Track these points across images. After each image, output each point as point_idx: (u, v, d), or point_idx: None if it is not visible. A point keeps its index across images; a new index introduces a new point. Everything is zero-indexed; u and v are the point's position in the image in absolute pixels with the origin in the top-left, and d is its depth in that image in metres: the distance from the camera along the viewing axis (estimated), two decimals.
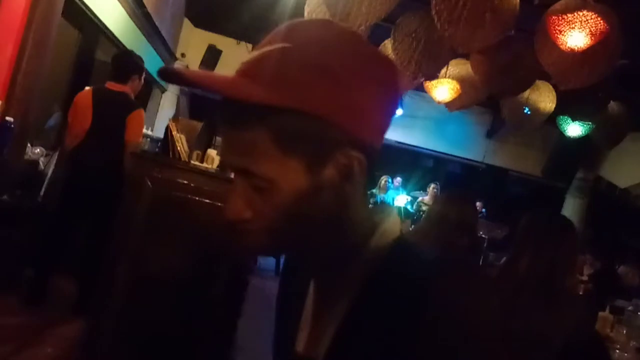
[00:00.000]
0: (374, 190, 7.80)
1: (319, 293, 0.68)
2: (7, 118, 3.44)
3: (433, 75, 4.47)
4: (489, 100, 5.54)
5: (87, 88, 3.56)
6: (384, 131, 0.64)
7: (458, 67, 4.86)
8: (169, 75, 0.60)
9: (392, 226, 0.66)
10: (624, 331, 2.97)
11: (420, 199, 7.88)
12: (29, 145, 3.92)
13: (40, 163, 4.09)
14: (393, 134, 9.09)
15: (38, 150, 4.10)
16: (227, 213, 0.61)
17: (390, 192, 8.12)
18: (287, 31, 0.60)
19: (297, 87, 0.56)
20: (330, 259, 0.64)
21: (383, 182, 7.86)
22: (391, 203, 7.60)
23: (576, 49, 3.11)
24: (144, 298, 2.39)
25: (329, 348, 0.61)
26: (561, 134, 5.57)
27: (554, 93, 4.77)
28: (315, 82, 0.57)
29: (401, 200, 7.92)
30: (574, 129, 5.45)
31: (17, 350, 2.66)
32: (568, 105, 4.61)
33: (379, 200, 7.43)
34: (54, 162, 3.95)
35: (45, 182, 3.93)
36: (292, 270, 0.78)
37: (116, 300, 2.38)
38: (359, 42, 0.62)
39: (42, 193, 3.90)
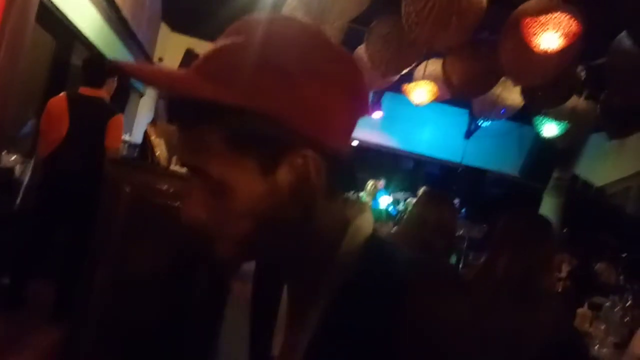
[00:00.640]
0: (361, 195, 7.82)
1: (293, 297, 0.66)
2: None
3: (404, 74, 4.54)
4: (467, 102, 5.61)
5: (60, 94, 3.50)
6: (348, 131, 0.62)
7: (434, 65, 4.93)
8: (119, 69, 0.60)
9: (364, 223, 0.64)
10: (602, 327, 3.02)
11: (409, 200, 7.93)
12: (4, 152, 3.85)
13: (16, 170, 4.01)
14: (373, 137, 9.15)
15: (13, 157, 4.02)
16: (184, 215, 0.60)
17: (378, 194, 8.17)
18: (245, 26, 0.58)
19: (248, 86, 0.55)
20: (302, 263, 0.63)
21: (370, 186, 7.87)
22: (377, 205, 7.63)
23: (549, 50, 3.17)
24: (124, 303, 2.36)
25: (305, 354, 0.60)
26: (537, 134, 5.66)
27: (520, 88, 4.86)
28: (267, 81, 0.55)
29: (384, 201, 7.96)
30: (550, 129, 5.53)
31: None
32: (538, 103, 4.68)
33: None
34: (30, 169, 3.88)
35: (22, 190, 3.86)
36: (264, 275, 0.76)
37: (95, 306, 2.35)
38: (319, 41, 0.60)
39: (18, 200, 3.83)
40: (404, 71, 4.27)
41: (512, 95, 4.87)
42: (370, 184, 7.89)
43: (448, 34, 3.22)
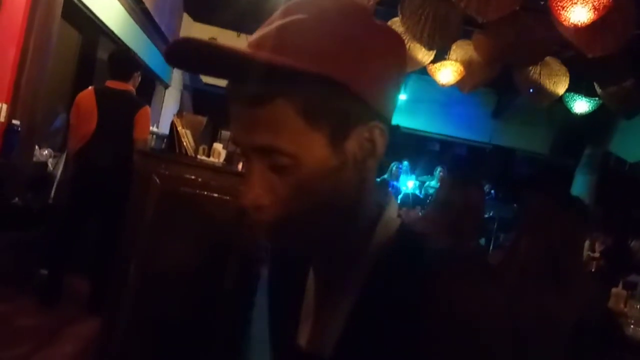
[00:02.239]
0: (385, 177, 7.79)
1: (322, 285, 0.66)
2: (14, 121, 3.47)
3: (444, 49, 4.47)
4: (495, 81, 5.50)
5: (88, 88, 3.56)
6: (395, 105, 0.62)
7: (464, 48, 4.84)
8: (184, 47, 0.55)
9: (394, 214, 0.64)
10: (638, 306, 2.96)
11: (427, 183, 7.87)
12: (36, 147, 3.95)
13: (49, 165, 4.12)
14: (398, 119, 9.06)
15: (46, 152, 4.13)
16: (245, 199, 0.57)
17: (402, 178, 8.11)
18: (297, 6, 0.57)
19: (322, 55, 0.54)
20: (338, 250, 0.62)
21: (395, 168, 7.82)
22: (402, 189, 7.59)
23: (579, 24, 3.08)
24: (156, 293, 2.41)
25: (337, 343, 0.59)
26: (567, 110, 5.52)
27: (565, 68, 4.75)
28: (340, 50, 0.54)
29: (409, 185, 7.91)
30: (581, 106, 5.40)
31: (34, 351, 2.71)
32: (579, 80, 4.57)
33: (391, 186, 7.40)
34: (62, 163, 3.97)
35: (55, 184, 3.96)
36: (284, 260, 0.75)
37: (129, 297, 2.41)
38: (369, 14, 0.60)
39: (52, 194, 3.93)
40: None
41: (552, 78, 4.76)
42: (393, 166, 7.84)
43: (499, 1, 3.14)
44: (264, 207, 0.57)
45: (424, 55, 4.63)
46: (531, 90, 4.82)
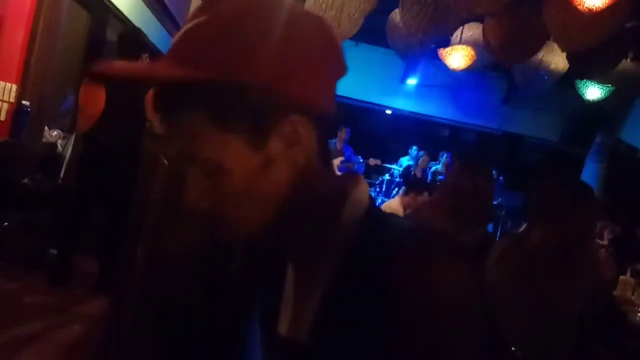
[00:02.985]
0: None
1: (298, 273, 0.66)
2: (24, 102, 3.48)
3: (444, 42, 4.40)
4: (504, 67, 5.45)
5: None
6: (329, 90, 0.61)
7: (471, 30, 4.77)
8: (94, 76, 0.60)
9: (362, 195, 0.63)
10: None
11: (433, 169, 7.85)
12: (46, 128, 3.97)
13: (59, 145, 4.14)
14: (407, 104, 9.03)
15: (55, 133, 4.15)
16: (185, 204, 0.59)
17: (404, 161, 8.09)
18: (200, 8, 0.58)
19: (219, 59, 0.53)
20: (303, 238, 0.63)
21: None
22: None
23: (594, 8, 3.02)
24: (163, 274, 2.43)
25: (311, 328, 0.60)
26: (579, 97, 5.46)
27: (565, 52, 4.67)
28: (236, 50, 0.54)
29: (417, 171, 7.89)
30: (593, 92, 5.33)
31: (43, 329, 2.75)
32: (582, 66, 4.50)
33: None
34: (72, 144, 3.99)
35: (64, 164, 3.99)
36: (267, 253, 0.75)
37: (136, 277, 2.43)
38: (283, 4, 0.58)
39: (61, 175, 3.96)
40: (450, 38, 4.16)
41: (555, 59, 4.68)
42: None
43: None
44: (203, 210, 0.59)
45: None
46: (539, 74, 4.74)
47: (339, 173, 0.69)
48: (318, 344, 0.59)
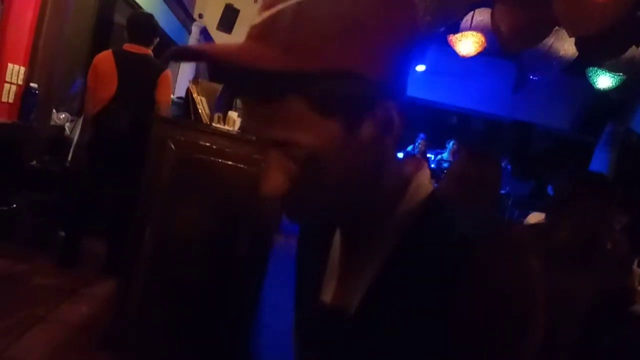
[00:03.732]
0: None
1: (349, 245, 0.67)
2: (32, 84, 3.49)
3: (453, 26, 4.35)
4: (514, 54, 5.37)
5: (106, 51, 3.52)
6: (407, 76, 0.61)
7: (482, 15, 4.71)
8: (182, 55, 0.58)
9: (425, 180, 0.64)
10: None
11: (440, 156, 7.82)
12: (54, 110, 3.97)
13: (66, 128, 4.15)
14: (416, 91, 8.96)
15: (63, 115, 4.15)
16: (266, 189, 0.58)
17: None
18: None
19: (318, 47, 0.52)
20: (364, 216, 0.63)
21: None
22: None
23: None
24: (171, 257, 2.45)
25: (362, 300, 0.60)
26: (589, 86, 5.39)
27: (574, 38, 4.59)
28: (339, 37, 0.53)
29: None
30: (604, 81, 5.26)
31: (53, 309, 2.78)
32: (590, 53, 4.42)
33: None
34: (80, 127, 4.00)
35: (72, 147, 4.00)
36: (313, 226, 0.77)
37: (144, 260, 2.45)
38: None
39: (69, 158, 3.97)
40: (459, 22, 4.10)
41: (565, 46, 4.61)
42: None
43: None
44: (285, 195, 0.58)
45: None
46: (548, 60, 4.68)
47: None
48: (367, 317, 0.60)
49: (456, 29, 4.88)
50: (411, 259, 0.58)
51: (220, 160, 2.43)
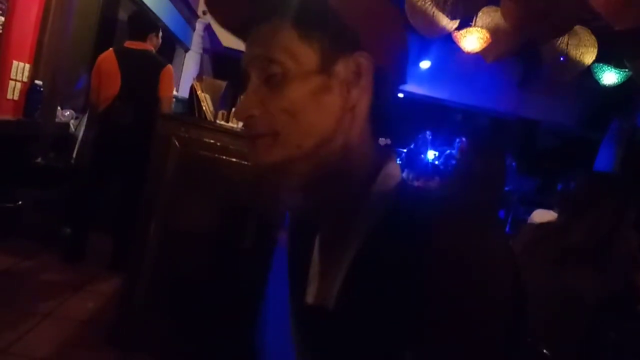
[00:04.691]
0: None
1: (325, 245, 0.68)
2: (36, 81, 3.50)
3: (467, 19, 4.32)
4: (521, 50, 5.34)
5: (108, 50, 3.55)
6: (401, 62, 0.65)
7: (490, 15, 4.68)
8: None
9: (394, 170, 0.65)
10: None
11: (447, 152, 7.79)
12: (59, 108, 3.98)
13: (71, 125, 4.16)
14: (421, 88, 8.93)
15: (68, 112, 4.17)
16: (238, 111, 0.64)
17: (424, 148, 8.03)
18: None
19: None
20: (335, 207, 0.64)
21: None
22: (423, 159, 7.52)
23: None
24: (176, 253, 2.46)
25: (338, 295, 0.61)
26: (595, 82, 5.36)
27: (594, 40, 4.56)
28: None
29: (430, 155, 7.84)
30: (610, 77, 5.23)
31: (59, 305, 2.79)
32: (608, 51, 4.39)
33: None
34: (84, 124, 4.01)
35: (77, 144, 4.01)
36: (298, 228, 0.78)
37: (150, 255, 2.46)
38: None
39: (74, 155, 3.99)
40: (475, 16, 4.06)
41: (580, 49, 4.57)
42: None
43: None
44: (254, 118, 0.62)
45: (447, 22, 4.49)
46: (562, 59, 4.65)
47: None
48: (345, 310, 0.60)
49: (461, 25, 4.86)
50: (380, 248, 0.58)
51: (224, 157, 2.43)
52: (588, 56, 4.63)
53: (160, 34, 3.66)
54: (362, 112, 0.62)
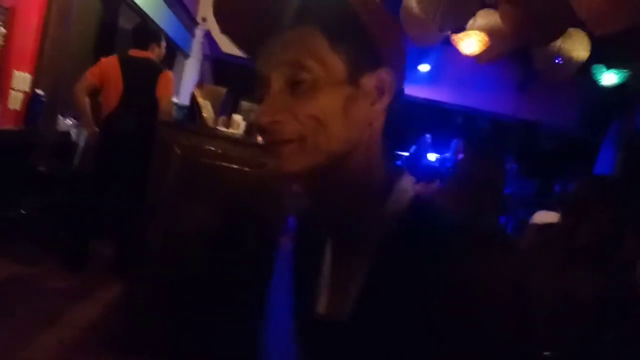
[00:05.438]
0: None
1: (337, 254, 0.68)
2: (38, 91, 3.52)
3: (460, 28, 4.33)
4: (520, 52, 5.35)
5: (111, 56, 3.57)
6: (403, 77, 0.67)
7: (487, 17, 4.69)
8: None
9: (407, 185, 0.66)
10: None
11: (443, 155, 7.78)
12: (60, 116, 4.00)
13: (72, 133, 4.18)
14: (420, 91, 8.94)
15: (69, 121, 4.18)
16: (261, 116, 0.61)
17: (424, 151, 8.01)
18: None
19: None
20: (352, 214, 0.64)
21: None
22: (423, 162, 7.50)
23: None
24: (177, 259, 2.46)
25: (353, 308, 0.61)
26: (595, 83, 5.37)
27: (587, 40, 4.57)
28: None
29: (430, 158, 7.83)
30: (609, 78, 5.25)
31: (63, 312, 2.80)
32: (603, 53, 4.39)
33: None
34: (85, 132, 4.02)
35: (78, 152, 4.03)
36: (305, 234, 0.78)
37: (151, 262, 2.47)
38: None
39: (76, 162, 4.00)
40: (465, 26, 4.08)
41: (575, 46, 4.58)
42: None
43: None
44: (279, 124, 0.60)
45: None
46: (557, 61, 4.65)
47: None
48: (359, 323, 0.61)
49: (460, 28, 4.87)
50: (396, 263, 0.59)
51: (224, 164, 2.44)
52: (580, 57, 4.63)
53: (164, 43, 3.68)
54: (379, 127, 0.64)
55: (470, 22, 4.66)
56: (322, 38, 0.59)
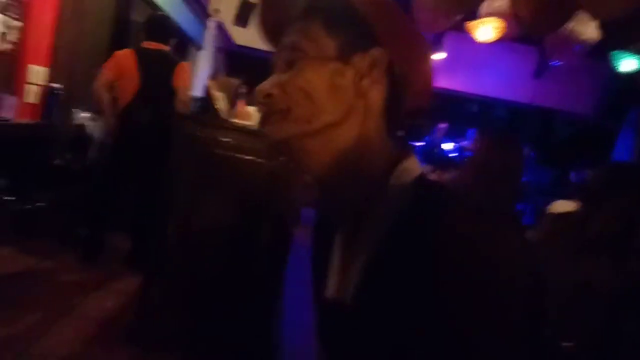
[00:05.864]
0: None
1: (344, 240, 0.69)
2: (53, 84, 3.54)
3: (473, 11, 4.27)
4: (535, 39, 5.26)
5: (126, 49, 3.56)
6: (410, 62, 0.69)
7: (498, 1, 4.61)
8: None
9: (412, 164, 0.66)
10: None
11: (461, 144, 7.71)
12: (75, 110, 4.03)
13: (87, 126, 4.21)
14: (436, 80, 8.84)
15: (84, 114, 4.21)
16: (257, 91, 0.67)
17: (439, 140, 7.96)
18: None
19: None
20: (354, 197, 0.66)
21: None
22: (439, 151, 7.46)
23: None
24: (193, 250, 2.47)
25: (355, 289, 0.62)
26: (612, 70, 5.26)
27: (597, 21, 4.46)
28: None
29: (446, 147, 7.78)
30: (628, 64, 5.13)
31: (78, 305, 2.83)
32: (622, 38, 4.29)
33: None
34: (101, 124, 4.05)
35: (94, 145, 4.05)
36: (320, 225, 0.79)
37: (167, 254, 2.48)
38: None
39: (91, 155, 4.03)
40: (470, 8, 4.02)
41: (587, 29, 4.49)
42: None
43: None
44: (272, 97, 0.66)
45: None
46: (575, 47, 4.55)
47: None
48: (362, 303, 0.61)
49: (473, 15, 4.80)
50: (398, 242, 0.59)
51: (238, 155, 2.44)
52: (593, 34, 4.52)
53: (173, 41, 3.66)
54: (376, 105, 0.66)
55: (484, 7, 4.58)
56: (320, 25, 0.65)
